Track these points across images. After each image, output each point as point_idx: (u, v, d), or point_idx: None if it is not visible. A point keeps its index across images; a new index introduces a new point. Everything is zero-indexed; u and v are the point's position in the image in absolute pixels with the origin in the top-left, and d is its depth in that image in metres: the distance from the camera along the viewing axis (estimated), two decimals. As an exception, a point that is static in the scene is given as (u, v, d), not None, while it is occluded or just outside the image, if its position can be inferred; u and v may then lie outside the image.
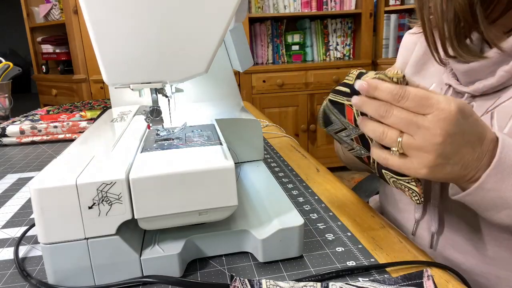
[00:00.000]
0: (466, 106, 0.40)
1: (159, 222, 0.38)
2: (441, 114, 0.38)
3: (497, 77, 0.50)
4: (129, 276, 0.38)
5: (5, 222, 0.54)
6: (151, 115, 0.46)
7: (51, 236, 0.36)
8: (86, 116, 1.03)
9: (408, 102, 0.39)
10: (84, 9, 0.37)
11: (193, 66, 0.41)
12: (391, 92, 0.39)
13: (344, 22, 2.67)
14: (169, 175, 0.36)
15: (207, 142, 0.45)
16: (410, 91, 0.39)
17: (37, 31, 2.64)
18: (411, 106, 0.39)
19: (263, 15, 2.49)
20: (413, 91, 0.39)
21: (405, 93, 0.39)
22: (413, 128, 0.39)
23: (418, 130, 0.39)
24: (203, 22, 0.39)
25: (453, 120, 0.38)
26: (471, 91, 0.53)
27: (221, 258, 0.43)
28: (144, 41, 0.39)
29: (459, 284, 0.38)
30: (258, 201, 0.48)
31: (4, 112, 1.16)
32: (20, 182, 0.70)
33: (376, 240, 0.46)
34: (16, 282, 0.40)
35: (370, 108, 0.41)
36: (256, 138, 0.63)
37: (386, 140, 0.41)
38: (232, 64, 0.70)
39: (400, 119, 0.40)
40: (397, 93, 0.39)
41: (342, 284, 0.35)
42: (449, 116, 0.38)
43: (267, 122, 1.08)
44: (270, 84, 2.44)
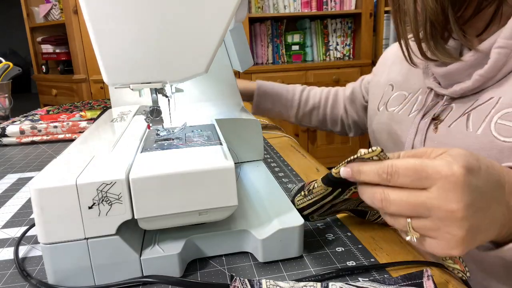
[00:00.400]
0: (470, 159, 0.33)
1: (159, 222, 0.38)
2: (447, 183, 0.31)
3: (472, 81, 0.51)
4: (129, 276, 0.38)
5: (5, 222, 0.54)
6: (151, 115, 0.46)
7: (51, 236, 0.36)
8: (86, 116, 1.03)
9: (400, 178, 0.32)
10: (84, 9, 0.37)
11: (193, 66, 0.41)
12: (376, 173, 0.33)
13: (344, 22, 2.67)
14: (169, 175, 0.36)
15: (207, 142, 0.45)
16: (398, 166, 0.32)
17: (37, 31, 2.64)
18: (407, 183, 0.32)
19: (263, 15, 2.49)
20: (401, 164, 0.32)
21: (393, 169, 0.33)
22: (421, 210, 0.32)
23: (428, 211, 0.32)
24: (203, 22, 0.39)
25: (464, 185, 0.31)
26: (449, 93, 0.55)
27: (221, 258, 0.43)
28: (144, 41, 0.39)
29: (459, 284, 0.38)
30: (258, 201, 0.48)
31: (4, 112, 1.16)
32: (20, 182, 0.70)
33: (376, 240, 0.46)
34: (16, 282, 0.40)
35: (367, 197, 0.36)
36: (256, 138, 0.63)
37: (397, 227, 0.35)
38: (232, 64, 0.70)
39: (400, 206, 0.33)
40: (384, 171, 0.33)
41: (342, 284, 0.35)
42: (459, 184, 0.31)
43: (267, 122, 1.08)
44: (270, 84, 2.44)
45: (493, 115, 0.49)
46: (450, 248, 0.33)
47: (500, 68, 0.50)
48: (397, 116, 0.64)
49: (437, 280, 0.38)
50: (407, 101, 0.64)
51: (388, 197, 0.33)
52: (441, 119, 0.56)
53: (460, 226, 0.32)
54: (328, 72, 2.50)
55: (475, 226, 0.32)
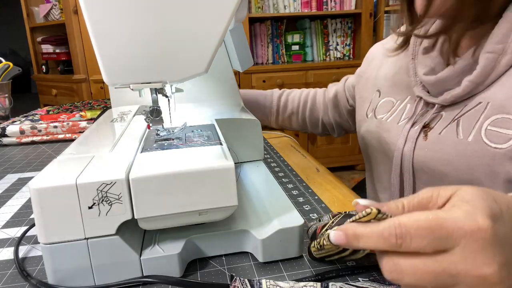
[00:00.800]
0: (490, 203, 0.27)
1: (159, 222, 0.38)
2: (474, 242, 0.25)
3: (463, 87, 0.51)
4: (129, 276, 0.38)
5: (5, 222, 0.54)
6: (151, 115, 0.46)
7: (51, 236, 0.36)
8: (86, 116, 1.03)
9: (414, 242, 0.26)
10: (84, 9, 0.37)
11: (193, 66, 0.41)
12: (381, 236, 0.27)
13: (344, 22, 2.67)
14: (169, 175, 0.36)
15: (207, 142, 0.45)
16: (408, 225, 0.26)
17: (37, 31, 2.64)
18: (422, 246, 0.26)
19: (263, 15, 2.49)
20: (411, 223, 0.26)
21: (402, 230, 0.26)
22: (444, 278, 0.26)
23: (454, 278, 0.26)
24: (203, 22, 0.39)
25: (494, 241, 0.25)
26: (440, 101, 0.55)
27: (221, 258, 0.43)
28: (144, 41, 0.39)
29: (459, 284, 0.38)
30: (258, 201, 0.48)
31: (4, 112, 1.16)
32: (20, 182, 0.70)
33: (376, 240, 0.46)
34: (16, 282, 0.40)
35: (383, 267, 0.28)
36: (256, 138, 0.63)
37: None
38: (232, 64, 0.70)
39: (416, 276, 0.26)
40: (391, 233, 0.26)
41: (342, 284, 0.35)
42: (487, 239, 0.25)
43: (267, 122, 1.08)
44: (270, 84, 2.44)
45: (483, 121, 0.49)
46: None
47: (489, 73, 0.50)
48: (386, 124, 0.64)
49: (437, 280, 0.38)
50: (395, 109, 0.63)
51: (399, 267, 0.27)
52: (431, 127, 0.56)
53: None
54: (328, 72, 2.50)
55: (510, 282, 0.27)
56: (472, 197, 0.27)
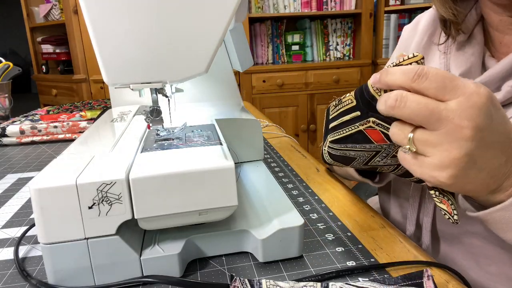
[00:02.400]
0: (495, 97, 0.32)
1: (159, 222, 0.38)
2: (469, 101, 0.30)
3: (504, 92, 0.48)
4: (129, 276, 0.38)
5: (5, 222, 0.54)
6: (151, 115, 0.46)
7: (51, 236, 0.36)
8: (86, 116, 1.03)
9: (427, 82, 0.31)
10: (84, 9, 0.37)
11: (193, 66, 0.41)
12: (404, 72, 0.32)
13: (344, 22, 2.67)
14: (169, 175, 0.36)
15: (207, 142, 0.45)
16: (429, 70, 0.31)
17: (37, 31, 2.64)
18: (431, 88, 0.31)
19: (263, 15, 2.49)
20: (432, 70, 0.31)
21: (423, 71, 0.31)
22: (433, 119, 0.31)
23: (439, 123, 0.31)
24: (203, 22, 0.39)
25: (483, 109, 0.30)
26: None
27: (221, 258, 0.43)
28: (144, 41, 0.39)
29: (459, 284, 0.38)
30: (258, 201, 0.48)
31: (4, 112, 1.16)
32: (20, 182, 0.70)
33: (376, 240, 0.46)
34: (16, 282, 0.40)
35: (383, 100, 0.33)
36: (256, 138, 0.63)
37: (394, 137, 0.34)
38: (232, 64, 0.70)
39: (415, 109, 0.31)
40: (413, 71, 0.31)
41: (342, 284, 0.35)
42: (480, 104, 0.30)
43: (267, 122, 1.08)
44: (270, 84, 2.44)
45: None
46: (438, 169, 0.32)
47: None
48: None
49: (437, 280, 0.38)
50: None
51: (406, 97, 0.31)
52: None
53: (461, 146, 0.31)
54: (328, 72, 2.50)
55: (474, 155, 0.31)
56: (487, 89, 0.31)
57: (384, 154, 0.41)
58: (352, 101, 0.38)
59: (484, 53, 0.54)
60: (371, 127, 0.38)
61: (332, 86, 2.51)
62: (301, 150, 0.82)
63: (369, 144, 0.40)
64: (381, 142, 0.38)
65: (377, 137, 0.38)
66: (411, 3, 2.56)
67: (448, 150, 0.31)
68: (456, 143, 0.31)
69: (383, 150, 0.41)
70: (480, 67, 0.53)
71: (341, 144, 0.41)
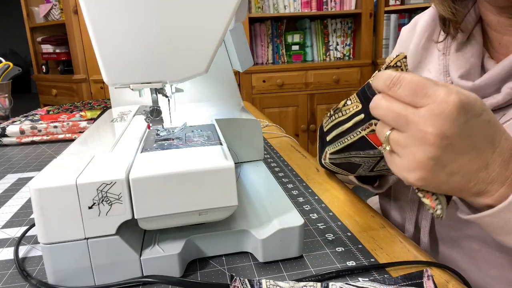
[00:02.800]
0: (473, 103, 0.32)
1: (159, 222, 0.38)
2: (436, 109, 0.31)
3: (503, 94, 0.48)
4: (129, 276, 0.38)
5: (5, 222, 0.54)
6: (151, 115, 0.46)
7: (51, 236, 0.36)
8: (86, 116, 1.03)
9: (400, 89, 0.33)
10: (84, 9, 0.37)
11: (193, 66, 0.41)
12: (384, 79, 0.34)
13: (344, 22, 2.67)
14: (169, 175, 0.36)
15: (207, 142, 0.45)
16: (405, 77, 0.33)
17: (37, 31, 2.64)
18: (404, 95, 0.33)
19: (263, 15, 2.49)
20: (407, 77, 0.33)
21: (398, 79, 0.33)
22: (402, 122, 0.33)
23: (407, 126, 0.33)
24: (203, 22, 0.39)
25: (450, 117, 0.31)
26: None
27: (221, 258, 0.43)
28: (144, 41, 0.39)
29: (459, 284, 0.38)
30: (258, 201, 0.48)
31: (4, 112, 1.16)
32: (20, 182, 0.70)
33: (376, 240, 0.46)
34: (16, 282, 0.40)
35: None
36: (256, 138, 0.63)
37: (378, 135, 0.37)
38: (232, 64, 0.70)
39: (387, 111, 0.34)
40: (389, 78, 0.34)
41: (342, 284, 0.35)
42: (445, 112, 0.31)
43: (267, 122, 1.08)
44: (270, 84, 2.44)
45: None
46: (407, 170, 0.34)
47: None
48: None
49: (437, 280, 0.38)
50: None
51: (379, 102, 0.35)
52: None
53: (425, 150, 0.32)
54: (328, 72, 2.50)
55: (441, 160, 0.32)
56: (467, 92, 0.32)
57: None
58: (358, 106, 0.39)
59: (483, 54, 0.53)
60: (373, 130, 0.38)
61: (332, 86, 2.51)
62: (301, 150, 0.82)
63: (372, 150, 0.40)
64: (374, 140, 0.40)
65: (379, 140, 0.39)
66: (411, 3, 2.56)
67: (414, 153, 0.33)
68: (421, 147, 0.32)
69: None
70: (480, 69, 0.52)
71: (344, 153, 0.42)
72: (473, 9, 0.55)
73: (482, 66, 0.53)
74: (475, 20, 0.55)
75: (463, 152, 0.33)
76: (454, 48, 0.55)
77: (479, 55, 0.53)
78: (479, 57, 0.53)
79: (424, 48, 0.60)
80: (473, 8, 0.55)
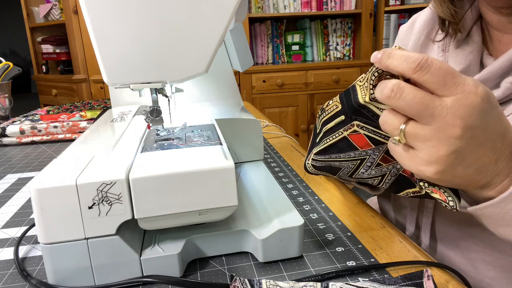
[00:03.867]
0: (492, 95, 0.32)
1: (159, 222, 0.38)
2: (465, 99, 0.30)
3: (503, 89, 0.48)
4: (129, 276, 0.38)
5: (5, 222, 0.54)
6: (151, 115, 0.46)
7: (51, 236, 0.36)
8: (86, 116, 1.03)
9: (428, 75, 0.30)
10: (84, 9, 0.37)
11: (193, 66, 0.41)
12: (407, 59, 0.31)
13: (344, 22, 2.67)
14: (169, 175, 0.36)
15: (207, 142, 0.45)
16: (433, 62, 0.30)
17: (37, 31, 2.64)
18: (431, 82, 0.30)
19: (263, 15, 2.49)
20: (437, 62, 0.30)
21: (427, 62, 0.30)
22: (428, 115, 0.31)
23: (431, 118, 0.31)
24: (203, 22, 0.39)
25: (478, 109, 0.30)
26: None
27: (221, 258, 0.43)
28: (144, 41, 0.39)
29: (459, 284, 0.38)
30: (258, 201, 0.48)
31: (4, 112, 1.16)
32: (20, 182, 0.70)
33: (376, 240, 0.46)
34: (16, 282, 0.40)
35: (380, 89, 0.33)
36: (256, 138, 0.63)
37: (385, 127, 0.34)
38: (232, 64, 0.70)
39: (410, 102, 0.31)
40: (416, 60, 0.30)
41: (342, 284, 0.35)
42: (475, 104, 0.30)
43: (267, 122, 1.08)
44: (270, 84, 2.44)
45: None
46: (425, 164, 0.32)
47: None
48: None
49: (437, 280, 0.38)
50: None
51: (403, 89, 0.31)
52: None
53: (450, 144, 0.31)
54: (328, 72, 2.50)
55: (462, 152, 0.31)
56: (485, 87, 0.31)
57: (369, 163, 0.41)
58: (337, 106, 0.38)
59: (482, 51, 0.54)
60: (355, 131, 0.37)
61: (332, 86, 2.52)
62: (301, 150, 0.82)
63: (353, 152, 0.39)
64: (366, 147, 0.38)
65: (361, 142, 0.38)
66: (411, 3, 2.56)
67: (437, 147, 0.31)
68: (445, 140, 0.31)
69: (368, 157, 0.40)
70: (479, 65, 0.53)
71: (325, 155, 0.41)
72: (472, 7, 0.55)
73: (481, 63, 0.53)
74: (474, 19, 0.55)
75: (481, 144, 0.32)
76: (453, 45, 0.56)
77: (478, 52, 0.54)
78: (478, 54, 0.54)
79: (423, 45, 0.60)
80: (472, 7, 0.55)
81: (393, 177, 0.42)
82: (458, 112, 0.30)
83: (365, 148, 0.39)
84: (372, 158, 0.40)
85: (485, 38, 0.55)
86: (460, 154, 0.32)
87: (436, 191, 0.36)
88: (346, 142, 0.39)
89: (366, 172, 0.42)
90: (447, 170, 0.32)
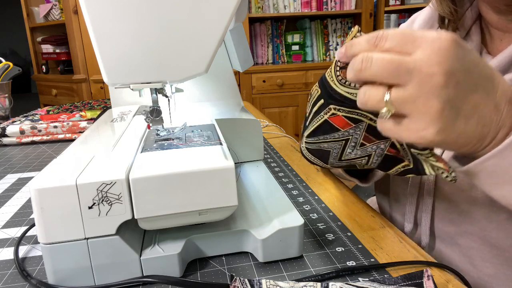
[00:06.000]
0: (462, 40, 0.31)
1: (159, 222, 0.38)
2: (433, 47, 0.30)
3: None
4: (129, 276, 0.38)
5: (5, 222, 0.54)
6: (151, 115, 0.46)
7: (51, 236, 0.36)
8: (86, 116, 1.03)
9: (388, 41, 0.31)
10: (84, 9, 0.37)
11: (193, 66, 0.41)
12: (366, 39, 0.32)
13: (344, 22, 2.67)
14: (169, 175, 0.36)
15: (207, 142, 0.45)
16: (388, 32, 0.31)
17: (37, 31, 2.65)
18: (393, 46, 0.31)
19: (263, 15, 2.49)
20: (391, 30, 0.31)
21: (383, 34, 0.31)
22: (403, 72, 0.30)
23: (410, 75, 0.30)
24: (203, 22, 0.39)
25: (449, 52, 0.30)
26: None
27: (221, 258, 0.43)
28: (144, 41, 0.39)
29: (459, 284, 0.38)
30: (258, 201, 0.48)
31: (4, 112, 1.16)
32: (20, 182, 0.70)
33: (376, 240, 0.46)
34: (16, 282, 0.40)
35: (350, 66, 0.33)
36: (256, 138, 0.63)
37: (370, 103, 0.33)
38: (232, 64, 0.70)
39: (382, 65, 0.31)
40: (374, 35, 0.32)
41: (342, 284, 0.35)
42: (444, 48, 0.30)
43: (267, 122, 1.08)
44: (270, 84, 2.44)
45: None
46: (423, 127, 0.31)
47: None
48: None
49: (437, 280, 0.38)
50: None
51: (371, 57, 0.31)
52: None
53: (437, 95, 0.30)
54: (328, 72, 2.50)
55: (455, 102, 0.30)
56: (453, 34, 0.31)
57: (353, 143, 0.41)
58: (318, 91, 0.40)
59: (481, 50, 0.54)
60: (334, 114, 0.39)
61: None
62: (301, 150, 0.82)
63: (336, 133, 0.40)
64: (346, 126, 0.39)
65: (341, 122, 0.39)
66: (411, 3, 2.56)
67: (427, 103, 0.30)
68: (432, 92, 0.30)
69: (351, 137, 0.40)
70: None
71: (314, 137, 0.42)
72: (471, 7, 0.55)
73: None
74: (474, 18, 0.55)
75: (472, 90, 0.31)
76: None
77: (477, 51, 0.54)
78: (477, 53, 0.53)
79: None
80: (472, 7, 0.55)
81: (379, 158, 0.43)
82: (432, 60, 0.29)
83: (346, 127, 0.39)
84: (355, 138, 0.41)
85: (484, 37, 0.55)
86: (453, 104, 0.30)
87: (441, 160, 0.35)
88: (328, 124, 0.40)
89: (353, 152, 0.42)
90: (447, 127, 0.31)
